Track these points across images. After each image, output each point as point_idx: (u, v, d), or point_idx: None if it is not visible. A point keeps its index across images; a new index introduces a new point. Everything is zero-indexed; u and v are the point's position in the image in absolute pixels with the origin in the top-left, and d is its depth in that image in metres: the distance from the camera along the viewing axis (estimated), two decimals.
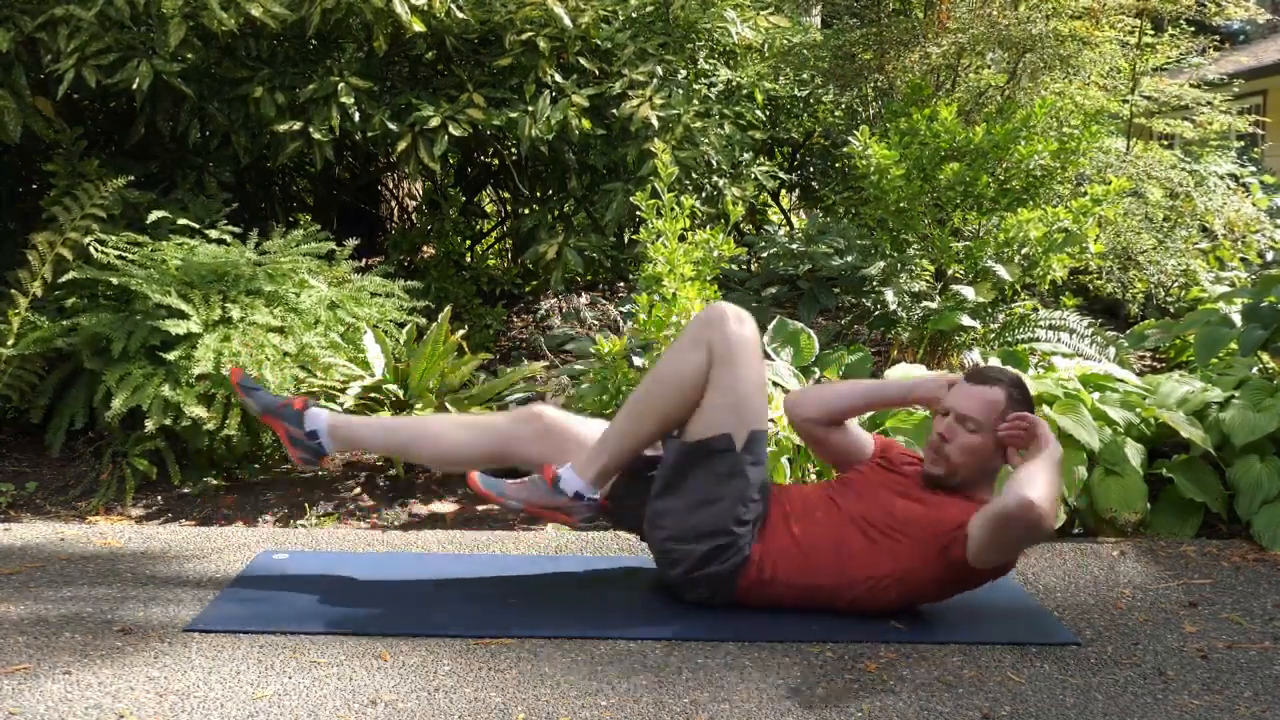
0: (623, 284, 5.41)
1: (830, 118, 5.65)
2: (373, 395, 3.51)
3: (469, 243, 5.71)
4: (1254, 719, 2.03)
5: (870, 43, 5.43)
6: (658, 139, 4.24)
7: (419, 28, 4.00)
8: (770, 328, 3.95)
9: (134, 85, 3.75)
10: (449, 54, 4.40)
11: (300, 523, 3.28)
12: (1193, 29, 6.27)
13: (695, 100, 4.59)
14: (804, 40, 5.56)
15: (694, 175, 4.65)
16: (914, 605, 2.47)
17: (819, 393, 2.65)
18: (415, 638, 2.30)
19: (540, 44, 4.19)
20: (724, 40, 4.92)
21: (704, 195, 4.77)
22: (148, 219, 3.83)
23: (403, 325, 3.94)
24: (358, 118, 4.07)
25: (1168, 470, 3.25)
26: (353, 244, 4.11)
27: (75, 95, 4.22)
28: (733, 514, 2.41)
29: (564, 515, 2.49)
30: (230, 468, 3.58)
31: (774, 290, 4.63)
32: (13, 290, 3.63)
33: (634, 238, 4.64)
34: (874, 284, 4.30)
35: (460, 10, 4.11)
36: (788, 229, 5.66)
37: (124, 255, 3.61)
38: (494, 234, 6.20)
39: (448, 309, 3.84)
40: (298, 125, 4.01)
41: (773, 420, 3.13)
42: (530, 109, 4.18)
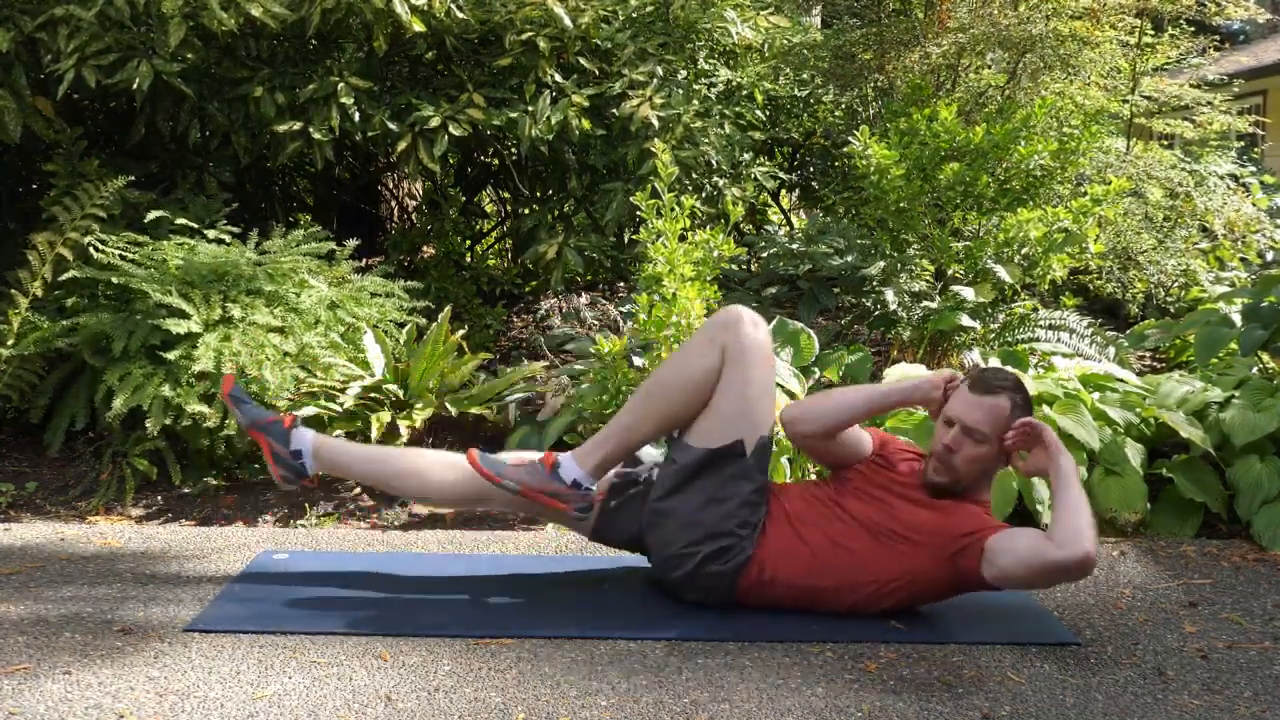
0: (623, 284, 5.40)
1: (830, 118, 5.65)
2: (373, 395, 3.51)
3: (469, 243, 5.70)
4: (1254, 719, 2.03)
5: (870, 43, 5.43)
6: (658, 139, 4.24)
7: (419, 28, 4.00)
8: (770, 328, 3.94)
9: (134, 85, 3.75)
10: (449, 54, 4.40)
11: (300, 523, 3.28)
12: (1193, 29, 6.26)
13: (695, 100, 4.58)
14: (804, 40, 5.55)
15: (694, 175, 4.65)
16: (913, 606, 2.47)
17: (817, 408, 2.55)
18: (415, 638, 2.30)
19: (540, 44, 4.19)
20: (724, 40, 4.92)
21: (704, 195, 4.76)
22: (147, 219, 3.83)
23: (403, 325, 3.94)
24: (358, 118, 4.07)
25: (1168, 470, 3.26)
26: (353, 244, 4.11)
27: (75, 95, 4.22)
28: (737, 515, 2.42)
29: (559, 502, 2.47)
30: (230, 468, 3.57)
31: (774, 290, 4.63)
32: (13, 290, 3.63)
33: (634, 238, 4.64)
34: (874, 284, 4.30)
35: (460, 10, 4.11)
36: (788, 229, 5.65)
37: (124, 255, 3.61)
38: (494, 234, 6.19)
39: (448, 309, 3.84)
40: (298, 125, 4.01)
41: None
42: (530, 109, 4.18)
